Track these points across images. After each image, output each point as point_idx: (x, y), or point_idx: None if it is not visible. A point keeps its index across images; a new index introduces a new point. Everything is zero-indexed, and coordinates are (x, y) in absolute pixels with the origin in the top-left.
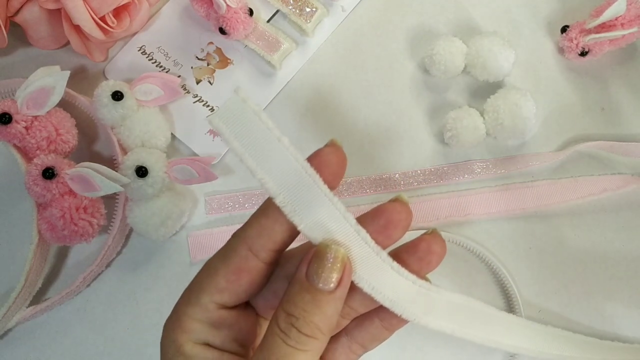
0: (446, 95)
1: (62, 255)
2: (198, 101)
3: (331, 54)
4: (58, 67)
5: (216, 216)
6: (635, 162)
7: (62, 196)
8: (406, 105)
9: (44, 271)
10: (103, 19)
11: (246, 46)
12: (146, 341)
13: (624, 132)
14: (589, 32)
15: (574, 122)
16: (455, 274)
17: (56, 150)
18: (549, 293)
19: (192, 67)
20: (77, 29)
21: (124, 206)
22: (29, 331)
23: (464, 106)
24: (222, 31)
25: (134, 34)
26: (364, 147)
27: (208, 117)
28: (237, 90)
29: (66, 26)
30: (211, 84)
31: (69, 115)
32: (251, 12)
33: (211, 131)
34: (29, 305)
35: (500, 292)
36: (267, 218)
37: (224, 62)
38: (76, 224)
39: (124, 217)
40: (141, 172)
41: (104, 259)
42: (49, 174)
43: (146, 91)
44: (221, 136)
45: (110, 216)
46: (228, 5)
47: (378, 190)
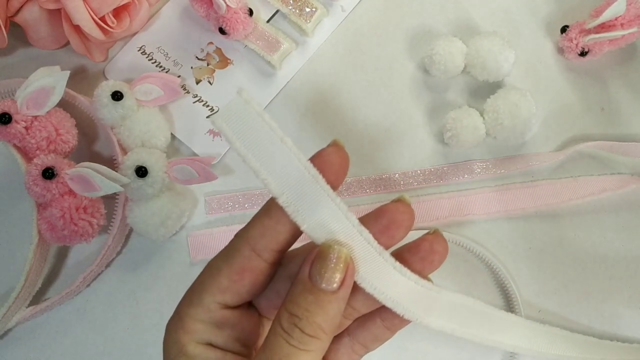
0: (446, 95)
1: (62, 255)
2: (198, 101)
3: (331, 54)
4: (58, 67)
5: (216, 216)
6: (635, 162)
7: (62, 196)
8: (406, 105)
9: (44, 271)
10: (103, 19)
11: (246, 46)
12: (146, 341)
13: (624, 132)
14: (588, 32)
15: (573, 122)
16: (455, 274)
17: (56, 150)
18: (548, 293)
19: (192, 67)
20: (77, 29)
21: (124, 206)
22: (29, 331)
23: (463, 106)
24: (222, 31)
25: (134, 34)
26: (364, 147)
27: (211, 117)
28: (240, 91)
29: (66, 26)
30: (211, 84)
31: (68, 115)
32: (251, 12)
33: (211, 131)
34: (29, 305)
35: (500, 292)
36: (269, 218)
37: (224, 62)
38: (76, 224)
39: (124, 217)
40: (141, 172)
41: (104, 259)
42: (48, 174)
43: (146, 91)
44: (224, 137)
45: (110, 216)
46: (228, 6)
47: (378, 190)
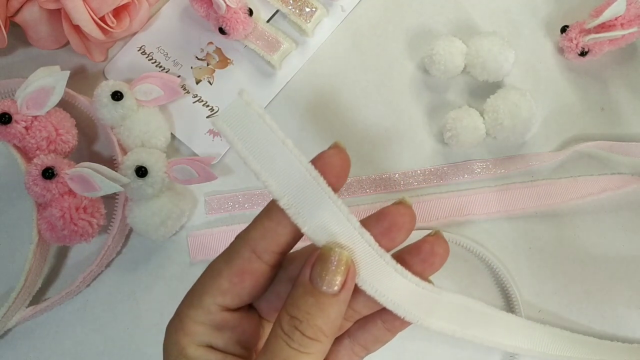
0: (446, 95)
1: (62, 255)
2: (198, 101)
3: (331, 54)
4: (58, 67)
5: (216, 216)
6: (635, 162)
7: (62, 196)
8: (406, 105)
9: (44, 271)
10: (103, 19)
11: (246, 46)
12: (146, 341)
13: (624, 132)
14: (588, 32)
15: (573, 122)
16: (455, 274)
17: (56, 150)
18: (548, 293)
19: (191, 67)
20: (77, 29)
21: (124, 206)
22: (29, 331)
23: (463, 106)
24: (221, 31)
25: (133, 34)
26: (364, 147)
27: (211, 119)
28: (241, 92)
29: (66, 26)
30: (211, 84)
31: (68, 115)
32: (251, 12)
33: (211, 131)
34: (29, 305)
35: (500, 292)
36: (270, 220)
37: (224, 62)
38: (76, 224)
39: (124, 217)
40: (141, 172)
41: (104, 259)
42: (48, 174)
43: (146, 91)
44: (225, 138)
45: (110, 216)
46: (228, 5)
47: (378, 190)
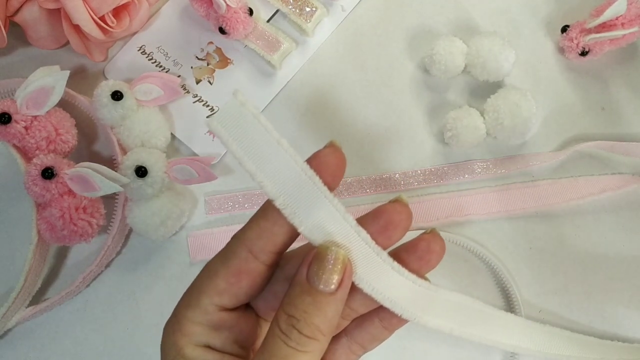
0: (446, 95)
1: (61, 255)
2: (198, 101)
3: (331, 53)
4: (58, 67)
5: (216, 216)
6: (635, 162)
7: (62, 196)
8: (406, 105)
9: (44, 271)
10: (103, 18)
11: (246, 46)
12: (146, 341)
13: (624, 131)
14: (589, 31)
15: (574, 121)
16: (455, 274)
17: (56, 150)
18: (549, 293)
19: (192, 67)
20: (77, 28)
21: (124, 206)
22: (29, 331)
23: (464, 106)
24: (222, 31)
25: (133, 33)
26: (364, 147)
27: (206, 120)
28: (236, 93)
29: (66, 26)
30: (211, 83)
31: (68, 115)
32: (251, 11)
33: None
34: (29, 305)
35: (500, 292)
36: (266, 220)
37: (224, 62)
38: (75, 224)
39: (124, 217)
40: (141, 172)
41: (104, 259)
42: (48, 174)
43: (146, 91)
44: (220, 139)
45: (110, 216)
46: (228, 5)
47: (378, 190)
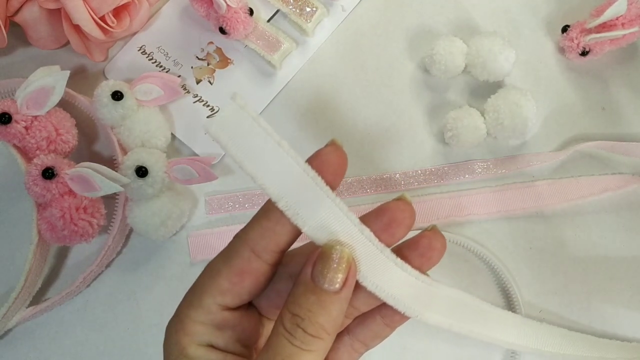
0: (446, 95)
1: (62, 255)
2: (198, 101)
3: (331, 53)
4: (58, 67)
5: (216, 216)
6: (635, 162)
7: (62, 196)
8: (406, 105)
9: (44, 271)
10: (103, 18)
11: (246, 46)
12: (146, 341)
13: (625, 131)
14: (589, 31)
15: (574, 121)
16: (456, 274)
17: (56, 150)
18: (549, 293)
19: (192, 67)
20: (77, 28)
21: (124, 206)
22: (29, 331)
23: (464, 106)
24: (222, 31)
25: (134, 33)
26: (364, 147)
27: (204, 124)
28: (234, 96)
29: (66, 26)
30: (211, 83)
31: (68, 115)
32: (251, 11)
33: None
34: (29, 306)
35: (500, 292)
36: (268, 220)
37: (224, 62)
38: (76, 224)
39: (124, 217)
40: (141, 172)
41: (104, 259)
42: (48, 174)
43: (146, 91)
44: (219, 143)
45: (110, 216)
46: (228, 5)
47: (379, 190)
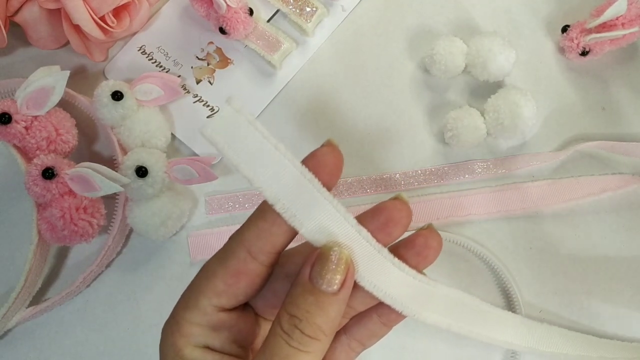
0: (446, 95)
1: (62, 255)
2: (198, 101)
3: (331, 53)
4: (58, 67)
5: (216, 216)
6: (635, 162)
7: (62, 196)
8: (406, 105)
9: (44, 271)
10: (103, 18)
11: (246, 46)
12: (146, 341)
13: (625, 131)
14: (589, 31)
15: (574, 121)
16: (456, 274)
17: (56, 150)
18: (549, 293)
19: (192, 67)
20: (77, 28)
21: (124, 206)
22: (29, 331)
23: (464, 106)
24: (222, 31)
25: (134, 33)
26: (364, 147)
27: (201, 129)
28: (230, 100)
29: (66, 26)
30: (211, 83)
31: (68, 115)
32: (251, 11)
33: None
34: (29, 306)
35: (500, 292)
36: (264, 221)
37: (224, 62)
38: (76, 224)
39: (124, 217)
40: (141, 172)
41: (104, 259)
42: (48, 174)
43: (146, 91)
44: (215, 147)
45: (110, 216)
46: (228, 5)
47: (378, 190)
